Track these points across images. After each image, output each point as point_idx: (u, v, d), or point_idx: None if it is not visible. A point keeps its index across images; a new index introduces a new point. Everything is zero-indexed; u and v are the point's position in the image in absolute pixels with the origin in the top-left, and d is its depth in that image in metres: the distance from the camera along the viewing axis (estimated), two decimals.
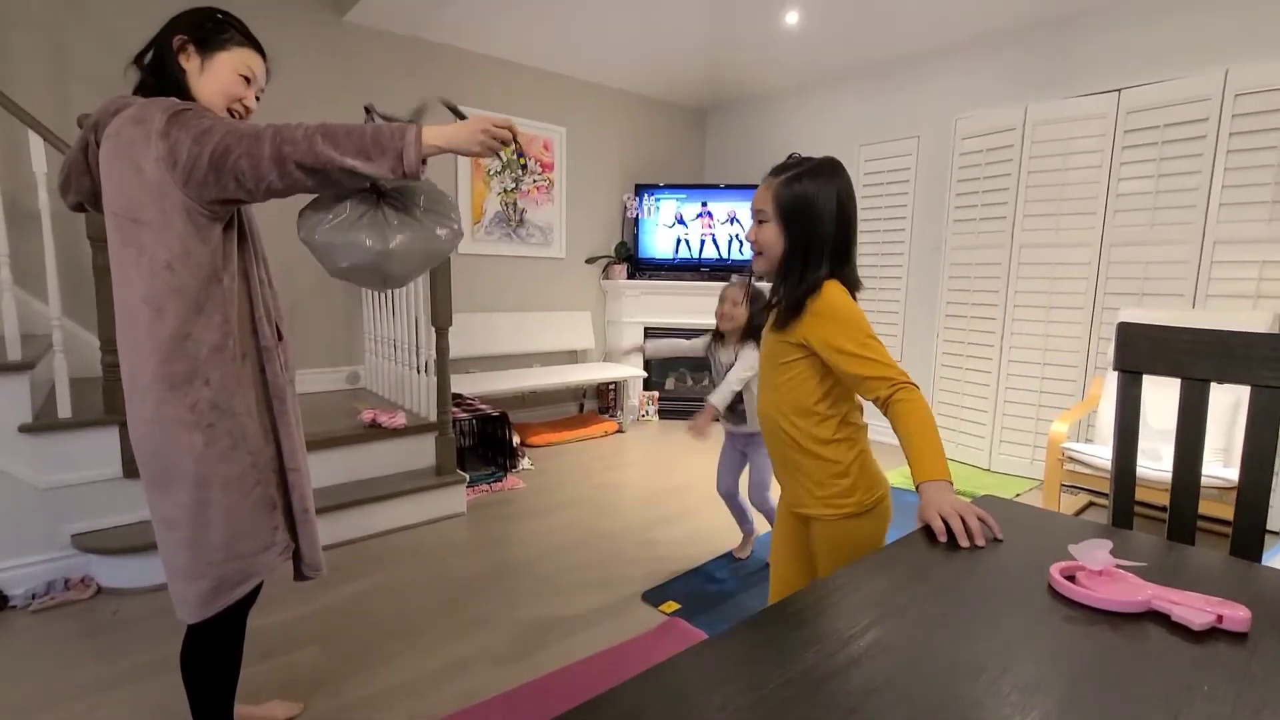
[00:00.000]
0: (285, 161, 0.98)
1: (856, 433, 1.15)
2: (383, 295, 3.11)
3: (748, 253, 4.42)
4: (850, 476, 1.12)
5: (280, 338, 1.18)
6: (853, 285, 1.11)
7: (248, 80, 1.12)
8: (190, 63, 1.07)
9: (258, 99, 1.16)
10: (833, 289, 1.07)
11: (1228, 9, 2.69)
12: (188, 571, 1.06)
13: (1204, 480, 1.03)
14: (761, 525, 2.40)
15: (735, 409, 2.15)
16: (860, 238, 3.93)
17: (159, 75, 1.07)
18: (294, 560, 1.23)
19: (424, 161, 1.05)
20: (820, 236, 1.09)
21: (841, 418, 1.13)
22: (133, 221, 1.00)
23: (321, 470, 2.48)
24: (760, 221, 1.13)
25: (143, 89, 1.08)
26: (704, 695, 0.53)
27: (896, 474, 3.38)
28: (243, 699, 1.53)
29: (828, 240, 1.09)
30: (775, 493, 1.46)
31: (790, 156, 1.15)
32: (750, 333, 2.10)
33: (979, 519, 0.85)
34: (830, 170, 1.11)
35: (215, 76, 1.08)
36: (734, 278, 2.15)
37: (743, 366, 2.05)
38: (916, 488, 0.94)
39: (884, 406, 1.02)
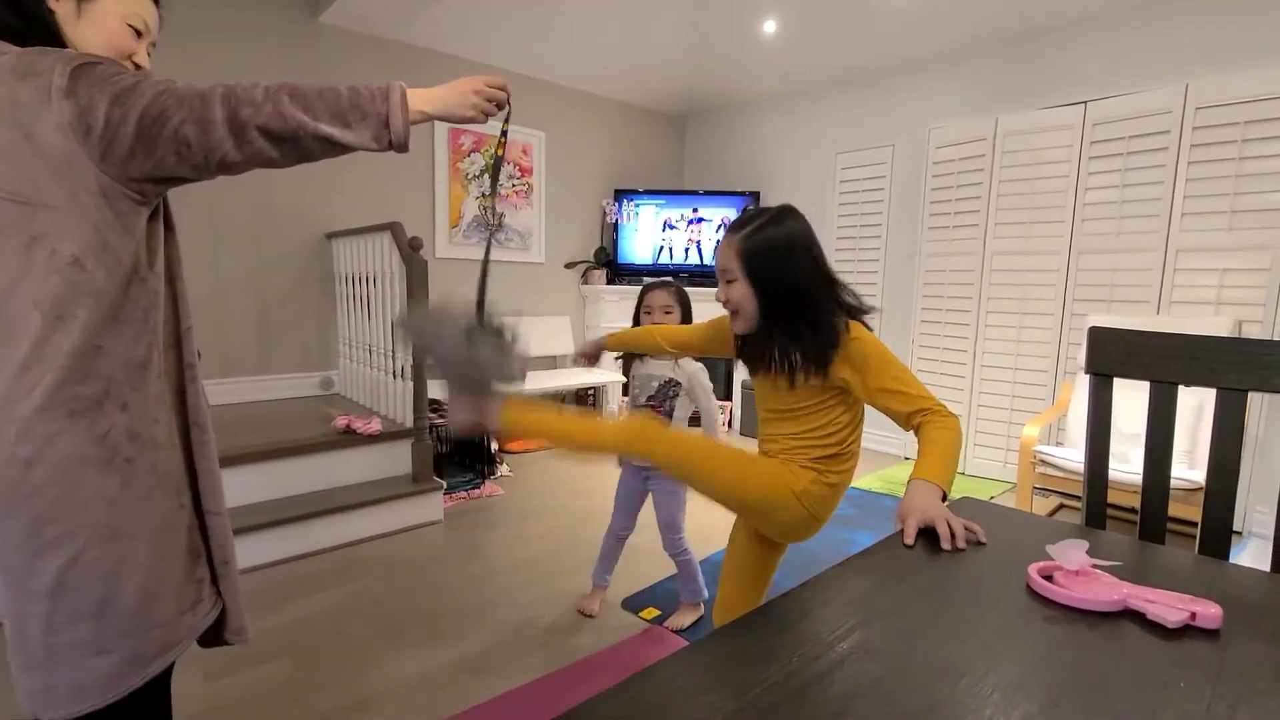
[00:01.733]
0: (245, 128, 0.79)
1: (848, 460, 1.17)
2: (358, 299, 3.06)
3: None
4: (827, 483, 1.15)
5: (198, 355, 0.98)
6: (863, 313, 1.12)
7: (139, 33, 0.88)
8: (62, 4, 0.82)
9: (149, 55, 0.93)
10: (858, 332, 1.08)
11: (1188, 26, 2.78)
12: (88, 647, 0.80)
13: (1171, 482, 1.05)
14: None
15: None
16: (836, 245, 4.00)
17: (20, 15, 0.81)
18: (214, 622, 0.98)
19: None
20: (795, 282, 1.08)
21: (851, 440, 1.17)
22: (17, 202, 0.76)
23: (293, 478, 2.42)
24: (729, 281, 1.12)
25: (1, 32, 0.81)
26: (686, 702, 0.52)
27: (875, 478, 3.41)
28: (205, 718, 1.48)
29: (805, 285, 1.09)
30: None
31: (744, 210, 1.17)
32: None
33: (964, 527, 0.85)
34: (786, 216, 1.11)
35: (97, 25, 0.84)
36: (671, 283, 1.93)
37: (702, 388, 1.85)
38: (909, 482, 0.94)
39: (918, 429, 1.03)
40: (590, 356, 1.57)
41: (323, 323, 3.44)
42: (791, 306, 1.09)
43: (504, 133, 1.13)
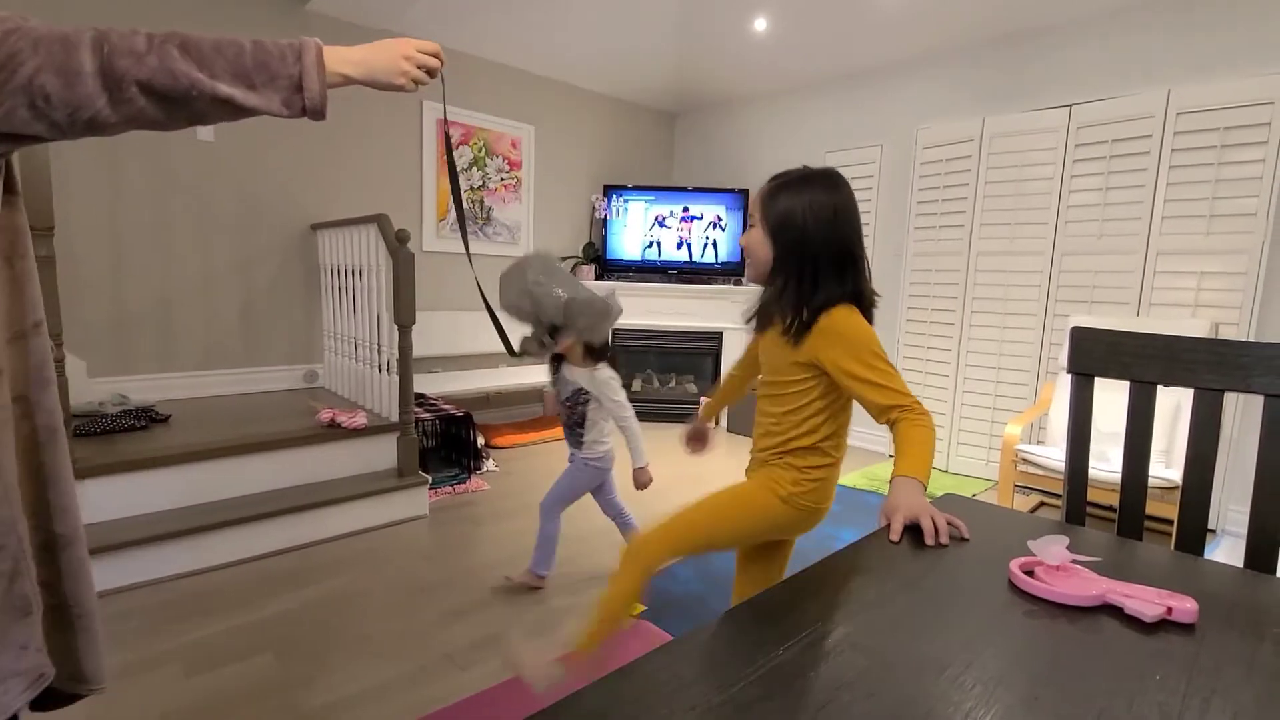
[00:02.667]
0: (122, 81, 0.65)
1: (835, 449, 1.17)
2: (344, 291, 3.03)
3: (717, 256, 4.45)
4: (803, 478, 1.15)
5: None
6: (866, 304, 1.11)
7: None
8: None
9: None
10: (842, 311, 1.07)
11: (1171, 32, 2.82)
12: None
13: (1149, 480, 1.07)
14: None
15: (574, 431, 2.00)
16: None
17: None
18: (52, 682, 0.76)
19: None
20: (811, 251, 1.07)
21: (831, 436, 1.16)
22: None
23: (276, 472, 2.40)
24: (752, 225, 1.13)
25: None
26: (673, 694, 0.52)
27: (860, 475, 3.44)
28: (186, 714, 1.46)
29: (822, 256, 1.07)
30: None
31: (802, 168, 1.13)
32: (594, 351, 1.93)
33: (948, 522, 0.86)
34: (825, 182, 1.09)
35: None
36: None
37: (609, 399, 1.92)
38: (891, 479, 0.95)
39: (892, 425, 1.03)
40: (699, 439, 1.48)
41: (308, 315, 3.41)
42: (797, 267, 1.08)
43: (445, 112, 1.11)
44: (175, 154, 2.94)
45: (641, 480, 2.00)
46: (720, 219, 4.44)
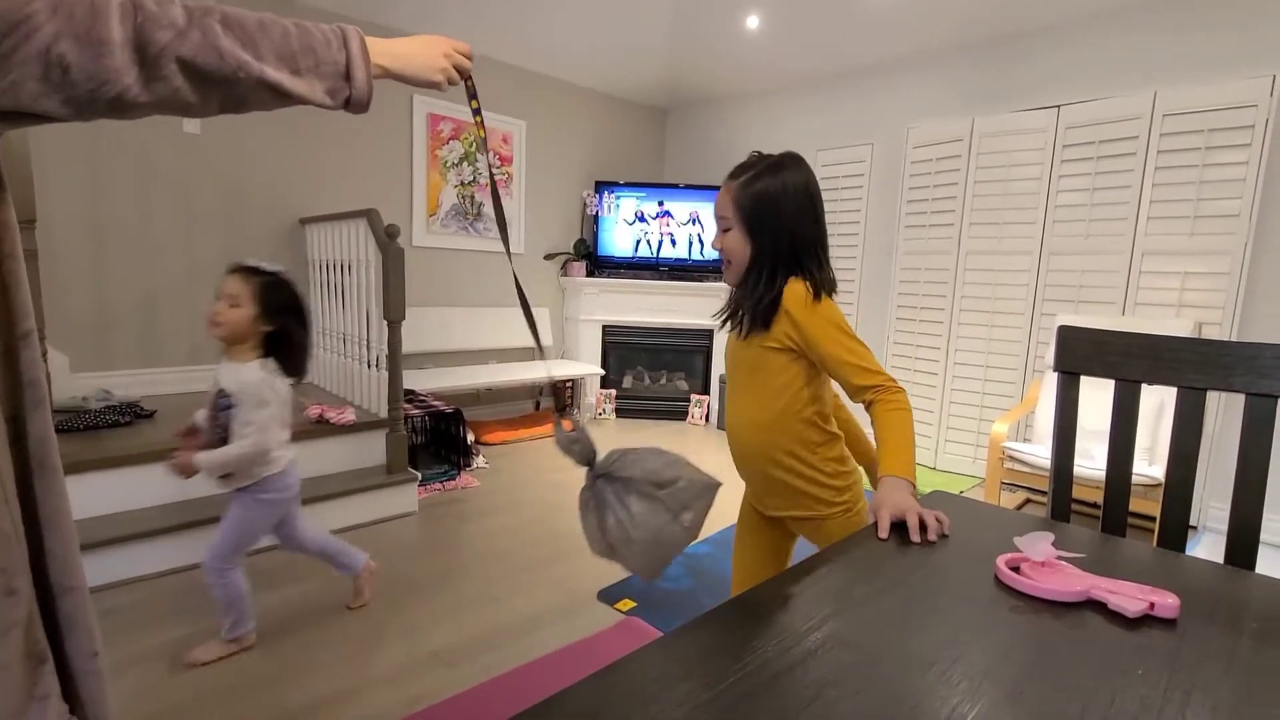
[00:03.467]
0: (161, 58, 0.56)
1: (838, 439, 1.16)
2: (333, 287, 3.00)
3: (708, 254, 4.45)
4: (845, 469, 1.14)
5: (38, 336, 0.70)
6: (828, 287, 1.08)
7: None
8: None
9: None
10: (798, 287, 1.05)
11: (1159, 35, 2.85)
12: None
13: (1133, 478, 1.09)
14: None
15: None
16: None
17: None
18: None
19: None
20: (788, 236, 1.05)
21: (827, 419, 1.14)
22: None
23: None
24: (725, 229, 1.08)
25: None
26: (662, 691, 0.52)
27: None
28: (170, 712, 1.45)
29: (798, 240, 1.06)
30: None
31: (751, 155, 1.11)
32: (271, 344, 1.56)
33: (934, 519, 0.87)
34: (792, 164, 1.08)
35: None
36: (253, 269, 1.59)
37: (251, 402, 1.51)
38: (878, 480, 0.96)
39: (869, 406, 1.03)
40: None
41: None
42: (775, 258, 1.06)
43: (476, 110, 1.01)
44: (159, 146, 2.90)
45: (184, 466, 1.51)
46: (703, 217, 4.44)
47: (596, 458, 0.95)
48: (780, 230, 1.06)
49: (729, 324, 1.17)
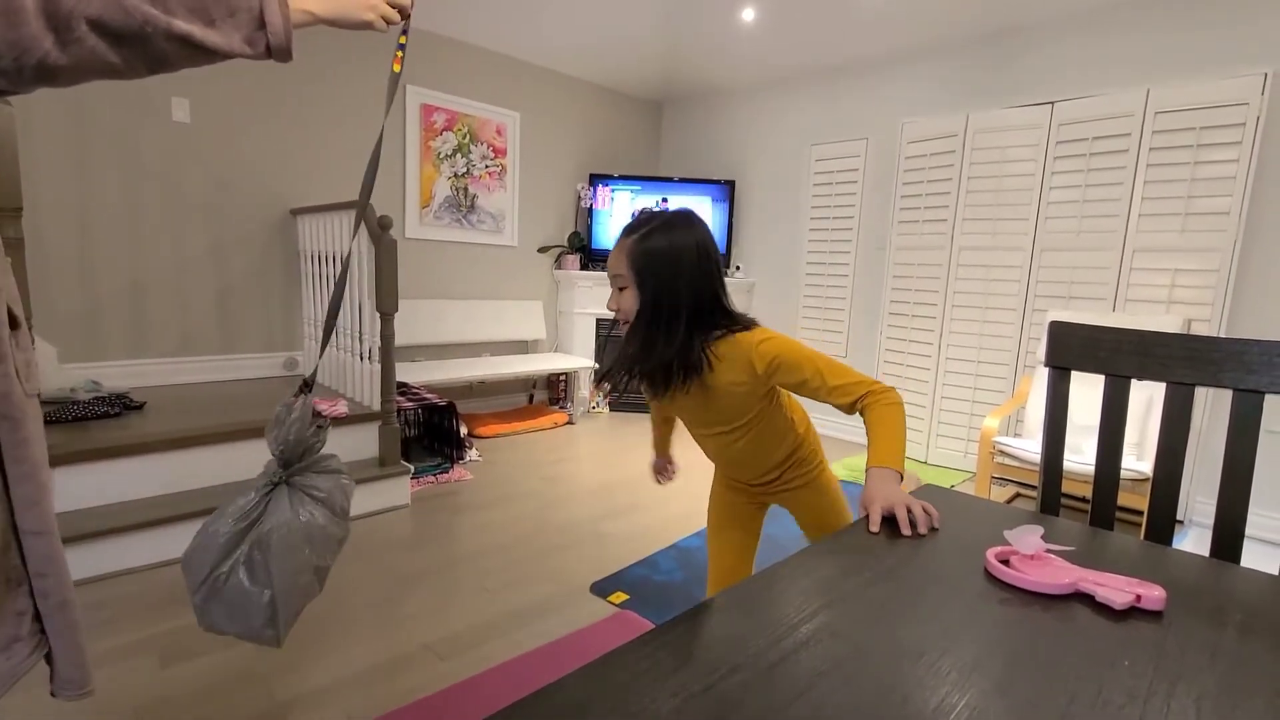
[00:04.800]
0: (71, 20, 0.60)
1: (801, 420, 1.26)
2: (325, 279, 2.98)
3: None
4: (806, 445, 1.26)
5: (15, 324, 0.73)
6: (748, 324, 1.10)
7: None
8: None
9: None
10: (766, 334, 1.07)
11: (1151, 32, 2.86)
12: None
13: (1121, 472, 1.10)
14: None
15: None
16: (809, 235, 4.02)
17: None
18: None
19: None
20: (683, 288, 1.04)
21: (792, 418, 1.24)
22: None
23: (256, 460, 2.35)
24: (620, 288, 1.07)
25: None
26: (654, 683, 0.52)
27: (839, 466, 3.48)
28: (161, 705, 1.45)
29: (696, 292, 1.05)
30: None
31: (640, 213, 1.12)
32: None
33: (923, 509, 0.88)
34: (684, 222, 1.08)
35: None
36: None
37: None
38: (867, 470, 0.97)
39: (863, 413, 1.04)
40: (664, 471, 1.53)
41: (287, 302, 3.35)
42: (674, 315, 1.05)
43: (401, 45, 0.99)
44: (147, 135, 2.86)
45: None
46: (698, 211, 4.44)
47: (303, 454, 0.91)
48: (674, 281, 1.04)
49: (622, 387, 1.15)
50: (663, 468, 1.53)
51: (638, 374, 1.10)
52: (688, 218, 1.09)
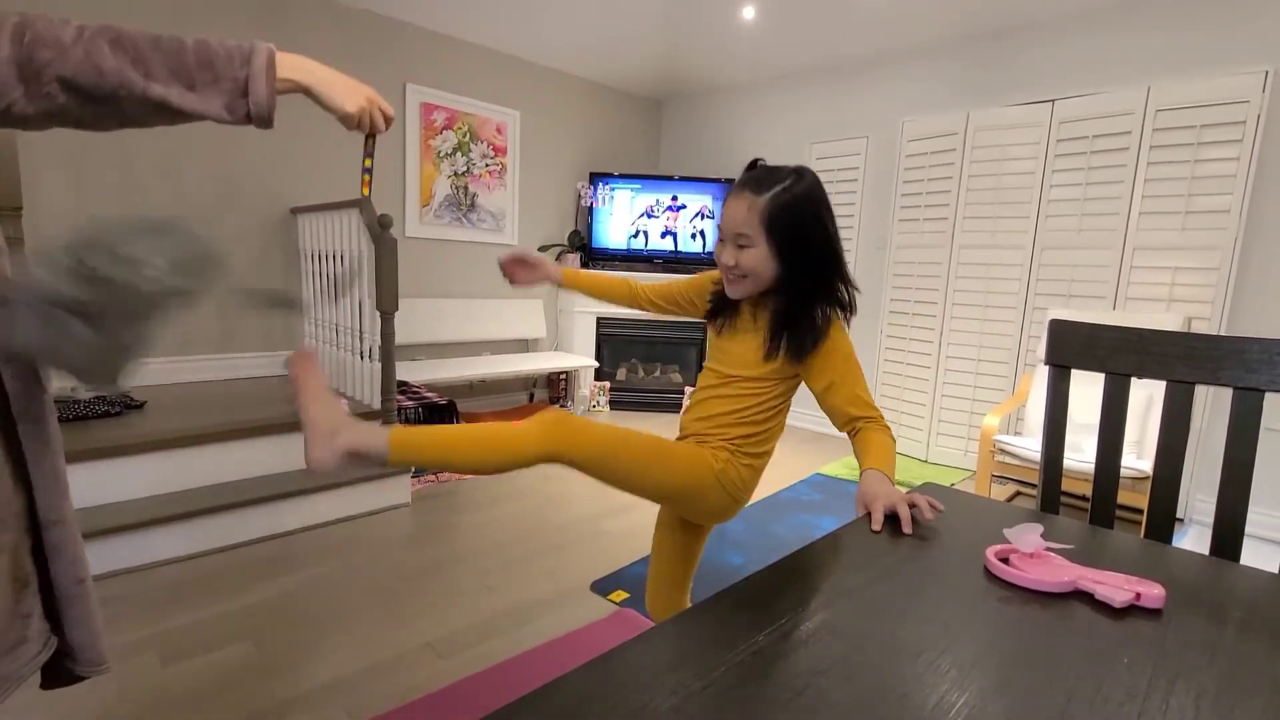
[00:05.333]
0: (41, 75, 0.62)
1: (769, 438, 1.16)
2: (325, 277, 2.98)
3: (704, 246, 4.45)
4: (736, 460, 1.12)
5: None
6: (851, 312, 1.08)
7: None
8: None
9: None
10: (839, 329, 1.06)
11: (1151, 30, 2.86)
12: None
13: (1121, 471, 1.10)
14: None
15: None
16: None
17: None
18: (54, 657, 0.80)
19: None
20: (821, 259, 1.03)
21: (776, 430, 1.15)
22: None
23: (256, 459, 2.37)
24: (741, 246, 1.03)
25: None
26: (654, 680, 0.52)
27: (841, 464, 3.48)
28: (162, 703, 1.45)
29: (829, 264, 1.04)
30: None
31: (757, 164, 1.06)
32: None
33: (927, 502, 0.88)
34: (812, 179, 1.04)
35: None
36: None
37: None
38: (862, 472, 0.97)
39: (853, 431, 1.05)
40: (515, 268, 1.29)
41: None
42: (811, 279, 1.04)
43: (368, 169, 0.98)
44: (147, 133, 2.86)
45: None
46: (707, 208, 4.43)
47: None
48: (813, 252, 1.03)
49: (721, 326, 1.16)
50: (527, 263, 1.30)
51: (783, 340, 1.05)
52: (812, 175, 1.05)
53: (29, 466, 0.74)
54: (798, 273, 1.04)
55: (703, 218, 4.44)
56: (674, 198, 4.45)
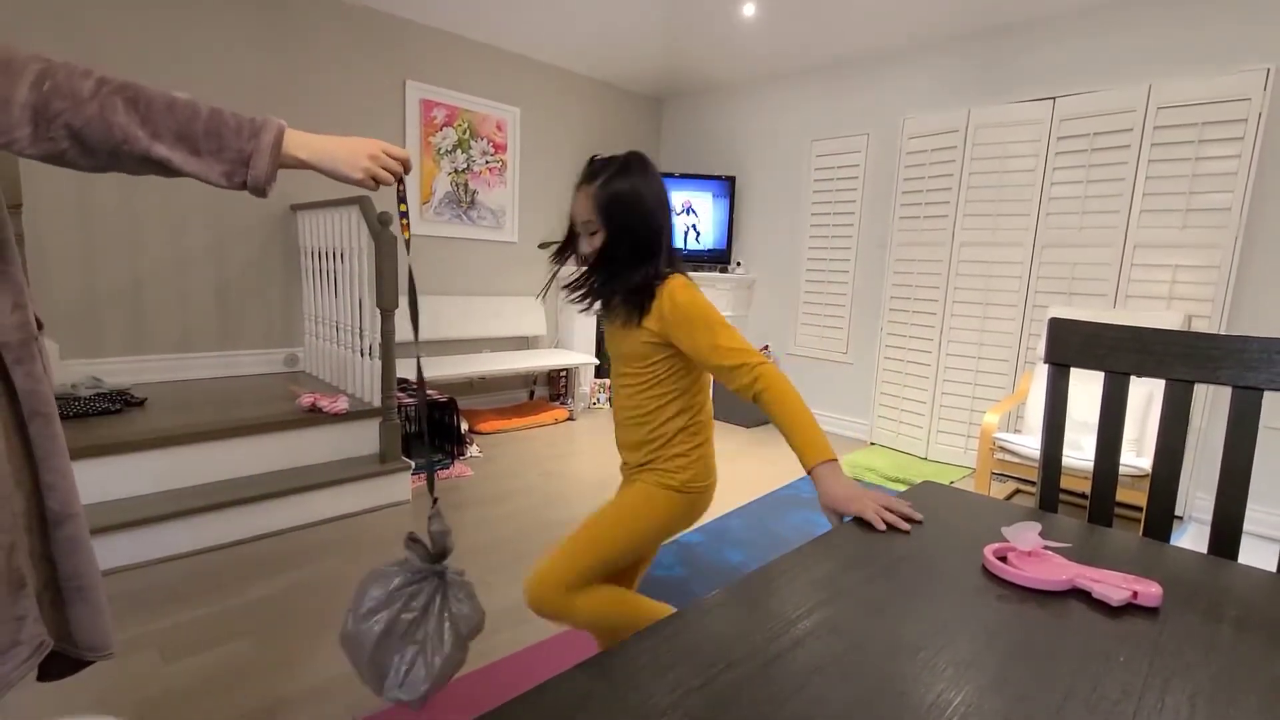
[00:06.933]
0: (53, 121, 0.65)
1: (703, 427, 1.21)
2: (325, 274, 2.98)
3: (702, 243, 4.45)
4: (688, 461, 1.19)
5: (40, 325, 0.78)
6: (666, 271, 1.15)
7: None
8: None
9: None
10: (678, 285, 1.11)
11: (1152, 27, 2.85)
12: None
13: (1120, 469, 1.10)
14: None
15: None
16: (810, 231, 4.00)
17: None
18: (58, 643, 0.81)
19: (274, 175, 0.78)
20: (645, 229, 1.13)
21: (693, 412, 1.19)
22: None
23: (256, 456, 2.37)
24: (591, 233, 1.15)
25: None
26: (654, 678, 0.53)
27: (841, 463, 3.48)
28: (163, 699, 1.45)
29: (654, 233, 1.13)
30: None
31: (592, 160, 1.18)
32: None
33: (899, 511, 0.88)
34: (641, 164, 1.15)
35: None
36: None
37: None
38: (809, 472, 0.97)
39: (752, 396, 1.05)
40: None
41: (288, 298, 3.35)
42: (635, 251, 1.13)
43: (403, 214, 1.01)
44: None
45: None
46: (689, 204, 4.43)
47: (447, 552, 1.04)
48: (638, 223, 1.13)
49: (586, 304, 1.22)
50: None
51: (597, 295, 1.17)
52: (642, 160, 1.16)
53: (41, 464, 0.76)
54: (622, 242, 1.13)
55: (688, 213, 4.43)
56: (682, 201, 4.44)
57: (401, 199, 0.98)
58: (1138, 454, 2.54)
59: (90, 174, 2.74)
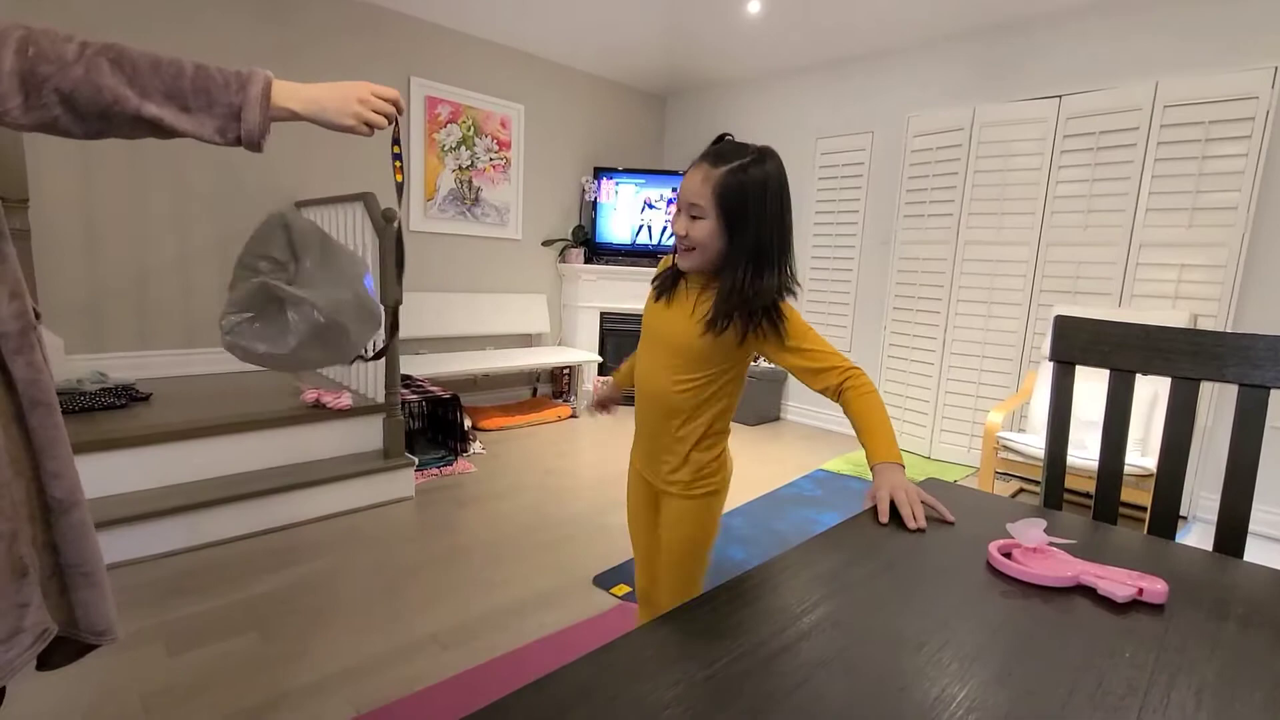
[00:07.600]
0: (41, 88, 0.64)
1: (724, 436, 1.18)
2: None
3: None
4: (719, 464, 1.17)
5: (38, 316, 0.78)
6: (790, 293, 1.07)
7: None
8: None
9: None
10: (791, 310, 1.05)
11: (1159, 26, 2.84)
12: None
13: (1125, 468, 1.09)
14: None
15: None
16: (814, 230, 4.00)
17: None
18: (55, 639, 0.80)
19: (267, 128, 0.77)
20: (768, 237, 1.01)
21: (730, 412, 1.16)
22: None
23: (261, 452, 2.38)
24: (694, 217, 1.03)
25: None
26: (657, 671, 0.53)
27: (841, 460, 3.48)
28: (168, 693, 1.46)
29: (777, 240, 1.03)
30: None
31: (723, 139, 1.06)
32: None
33: (925, 508, 0.88)
34: (774, 160, 1.04)
35: None
36: None
37: None
38: (871, 468, 0.97)
39: (836, 394, 1.03)
40: (605, 405, 1.46)
41: None
42: (759, 262, 1.02)
43: (397, 155, 0.98)
44: None
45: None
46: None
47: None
48: (761, 229, 1.01)
49: (662, 295, 1.14)
50: (610, 400, 1.46)
51: (726, 314, 1.03)
52: (775, 156, 1.04)
53: (44, 453, 0.76)
54: (747, 250, 1.01)
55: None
56: (673, 190, 4.43)
57: (395, 140, 0.95)
58: (1142, 453, 2.53)
59: (95, 169, 2.75)
